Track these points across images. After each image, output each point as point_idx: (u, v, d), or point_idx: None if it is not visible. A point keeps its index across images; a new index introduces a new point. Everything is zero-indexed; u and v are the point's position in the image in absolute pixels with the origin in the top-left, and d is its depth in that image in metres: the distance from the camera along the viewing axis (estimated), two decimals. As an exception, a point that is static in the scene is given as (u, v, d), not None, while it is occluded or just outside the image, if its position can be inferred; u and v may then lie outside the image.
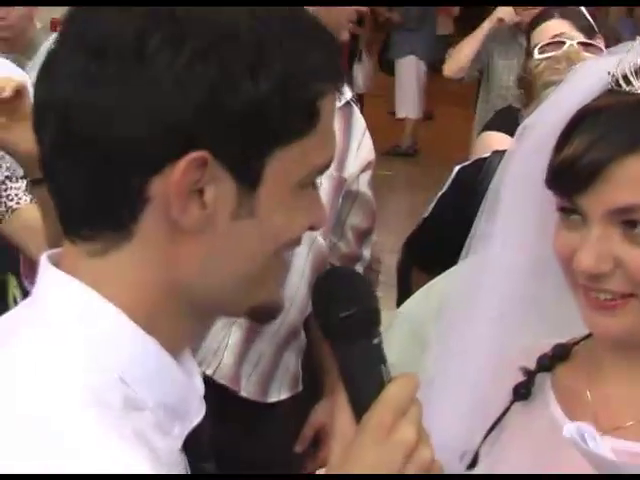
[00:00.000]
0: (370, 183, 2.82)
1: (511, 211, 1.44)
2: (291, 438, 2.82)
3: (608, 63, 1.33)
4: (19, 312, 1.12)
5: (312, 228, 1.12)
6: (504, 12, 4.80)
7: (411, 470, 1.09)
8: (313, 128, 1.05)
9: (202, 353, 2.52)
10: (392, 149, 10.26)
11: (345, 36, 2.79)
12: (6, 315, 1.12)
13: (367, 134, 2.79)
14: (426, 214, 2.86)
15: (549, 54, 2.76)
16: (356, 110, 2.79)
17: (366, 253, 2.89)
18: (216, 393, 2.50)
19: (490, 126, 3.36)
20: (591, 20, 3.35)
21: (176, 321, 1.07)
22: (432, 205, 2.85)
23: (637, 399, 1.34)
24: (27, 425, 0.98)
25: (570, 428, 1.08)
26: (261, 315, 1.15)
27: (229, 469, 2.48)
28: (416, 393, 1.12)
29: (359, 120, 2.79)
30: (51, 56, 1.06)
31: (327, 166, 1.10)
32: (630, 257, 1.26)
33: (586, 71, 1.40)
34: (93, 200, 1.03)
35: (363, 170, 2.78)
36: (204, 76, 1.00)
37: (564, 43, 2.86)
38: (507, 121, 3.23)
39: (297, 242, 1.12)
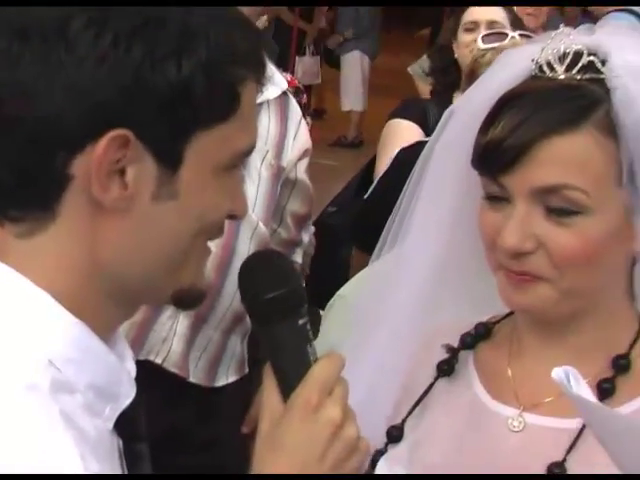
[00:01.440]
0: (307, 170, 2.82)
1: (432, 194, 1.45)
2: (239, 419, 2.80)
3: (532, 51, 1.34)
4: None
5: (233, 217, 1.11)
6: None
7: (338, 448, 1.10)
8: (234, 113, 1.05)
9: (151, 342, 2.51)
10: (338, 140, 10.30)
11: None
12: None
13: (303, 123, 2.79)
14: (366, 195, 2.89)
15: (494, 44, 2.80)
16: (292, 100, 2.78)
17: (305, 238, 2.89)
18: (166, 381, 2.52)
19: (397, 114, 3.35)
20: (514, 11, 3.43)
21: (102, 305, 1.06)
22: (372, 187, 2.87)
23: (552, 378, 1.34)
24: None
25: (558, 371, 1.08)
26: (186, 300, 1.13)
27: (185, 451, 2.47)
28: (341, 372, 1.12)
29: (295, 110, 2.77)
30: None
31: (248, 152, 1.09)
32: (552, 236, 1.26)
33: (511, 58, 1.40)
34: (20, 180, 1.02)
35: (300, 158, 2.77)
36: (128, 57, 0.99)
37: (506, 35, 2.90)
38: (414, 110, 3.27)
39: (218, 229, 1.11)
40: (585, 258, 1.26)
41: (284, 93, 2.70)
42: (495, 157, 1.27)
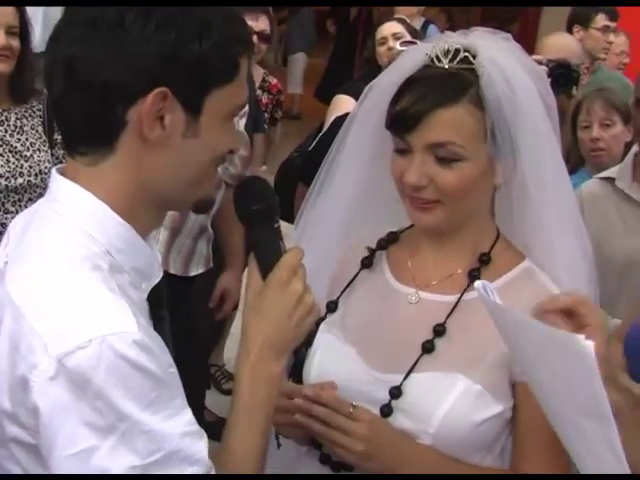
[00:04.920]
0: (244, 126, 2.81)
1: (354, 145, 1.43)
2: (206, 298, 2.82)
3: (426, 47, 1.32)
4: (41, 205, 1.09)
5: (231, 152, 1.10)
6: None
7: (301, 309, 1.10)
8: (235, 77, 1.04)
9: None
10: (285, 113, 10.16)
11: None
12: (33, 207, 1.12)
13: None
14: (310, 148, 2.90)
15: (406, 47, 2.84)
16: None
17: (248, 173, 2.88)
18: None
19: (343, 91, 3.34)
20: (410, 24, 3.45)
21: (143, 213, 1.06)
22: (316, 141, 2.89)
23: (439, 267, 1.35)
24: (48, 279, 0.98)
25: (478, 284, 1.05)
26: (202, 206, 1.13)
27: (171, 321, 2.46)
28: (302, 260, 1.12)
29: None
30: (58, 28, 1.04)
31: (243, 105, 1.09)
32: (439, 175, 1.26)
33: (412, 52, 1.38)
34: (90, 125, 1.01)
35: (241, 117, 2.76)
36: (166, 38, 0.99)
37: (416, 43, 2.91)
38: (353, 89, 3.25)
39: (223, 159, 1.10)
40: (462, 190, 1.27)
41: None
42: (401, 122, 1.27)
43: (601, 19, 3.91)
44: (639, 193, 2.26)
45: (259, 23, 3.37)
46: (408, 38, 3.17)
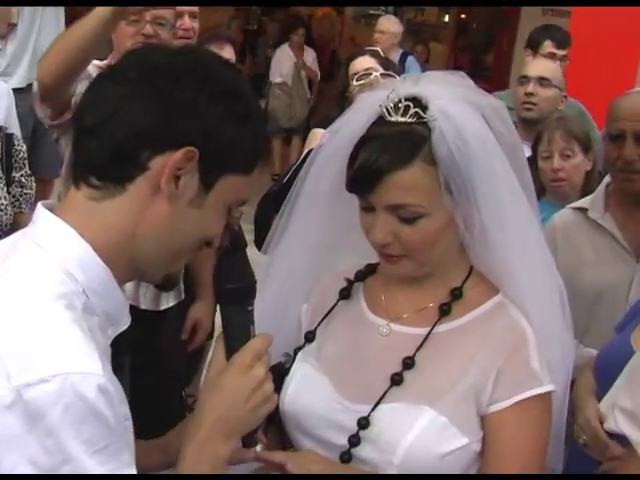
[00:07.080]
0: None
1: (314, 182, 1.46)
2: (178, 330, 2.79)
3: (379, 97, 1.33)
4: (18, 237, 1.09)
5: (208, 243, 1.11)
6: None
7: (258, 396, 1.11)
8: (250, 172, 1.09)
9: None
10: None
11: None
12: (8, 239, 1.10)
13: None
14: (284, 180, 2.92)
15: (362, 81, 2.88)
16: None
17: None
18: None
19: (317, 125, 3.36)
20: (384, 56, 3.41)
21: (123, 263, 1.06)
22: (289, 174, 2.91)
23: (411, 300, 1.39)
24: (20, 310, 0.97)
25: None
26: (167, 282, 1.15)
27: (143, 353, 2.45)
28: (269, 347, 1.14)
29: None
30: (113, 67, 1.08)
31: (243, 202, 1.12)
32: (402, 233, 1.29)
33: (367, 101, 1.38)
34: (112, 160, 1.03)
35: None
36: (214, 110, 1.04)
37: (371, 74, 2.93)
38: (326, 122, 3.30)
39: (202, 246, 1.12)
40: (427, 245, 1.30)
41: None
42: (359, 184, 1.30)
43: (547, 45, 3.93)
44: (611, 223, 2.30)
45: (224, 52, 3.40)
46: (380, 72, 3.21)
